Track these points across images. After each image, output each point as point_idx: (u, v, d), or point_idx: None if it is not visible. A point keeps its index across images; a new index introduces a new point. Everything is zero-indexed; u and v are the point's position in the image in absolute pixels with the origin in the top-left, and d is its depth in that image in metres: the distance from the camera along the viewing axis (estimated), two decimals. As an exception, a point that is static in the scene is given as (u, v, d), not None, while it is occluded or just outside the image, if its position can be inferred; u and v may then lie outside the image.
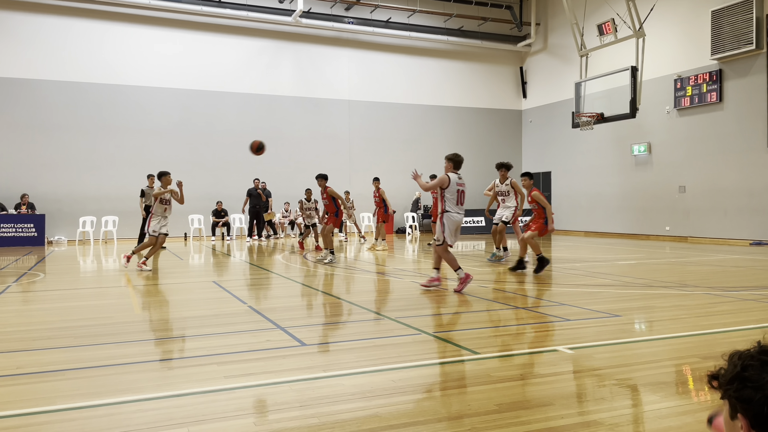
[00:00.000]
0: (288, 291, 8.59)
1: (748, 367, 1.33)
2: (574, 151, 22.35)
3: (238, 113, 21.12)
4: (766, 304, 6.70)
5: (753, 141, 16.05)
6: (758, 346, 1.37)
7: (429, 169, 23.72)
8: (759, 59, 15.84)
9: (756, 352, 1.35)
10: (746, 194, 16.27)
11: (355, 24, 22.32)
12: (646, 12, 16.68)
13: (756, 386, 1.29)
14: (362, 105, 22.91)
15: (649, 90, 18.13)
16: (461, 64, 24.41)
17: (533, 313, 6.45)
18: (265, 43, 21.53)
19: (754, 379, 1.31)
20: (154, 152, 19.93)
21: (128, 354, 4.71)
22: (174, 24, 20.29)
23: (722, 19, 16.41)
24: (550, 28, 23.74)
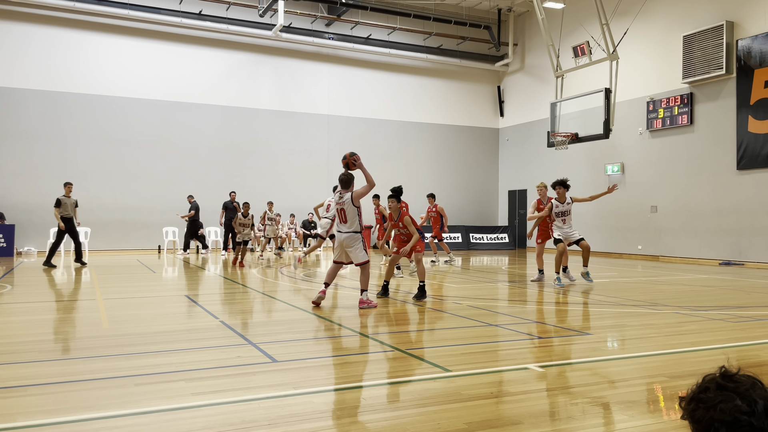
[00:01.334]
0: (261, 306, 8.51)
1: (706, 390, 1.37)
2: (549, 169, 22.62)
3: (216, 126, 21.02)
4: (732, 324, 6.82)
5: (722, 163, 16.42)
6: (721, 370, 1.41)
7: (407, 185, 23.83)
8: (728, 84, 16.27)
9: (717, 376, 1.39)
10: (716, 215, 16.61)
11: (336, 40, 22.43)
12: (620, 35, 17.06)
13: (708, 407, 1.33)
14: (341, 120, 22.97)
15: (623, 111, 18.49)
16: (440, 82, 24.65)
17: (505, 331, 6.48)
18: (245, 57, 21.52)
19: (707, 400, 1.34)
20: (129, 163, 19.72)
21: (94, 369, 4.62)
22: (153, 35, 20.18)
23: (693, 44, 16.85)
24: (527, 48, 24.12)
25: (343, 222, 7.88)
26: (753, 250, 15.67)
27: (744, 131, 15.76)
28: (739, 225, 16.00)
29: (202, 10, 20.39)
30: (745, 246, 15.87)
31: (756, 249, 15.60)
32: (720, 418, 1.32)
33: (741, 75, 15.85)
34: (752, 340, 5.92)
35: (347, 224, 7.84)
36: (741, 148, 15.85)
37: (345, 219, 7.87)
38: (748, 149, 15.69)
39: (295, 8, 21.40)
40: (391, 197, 8.99)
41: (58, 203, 14.15)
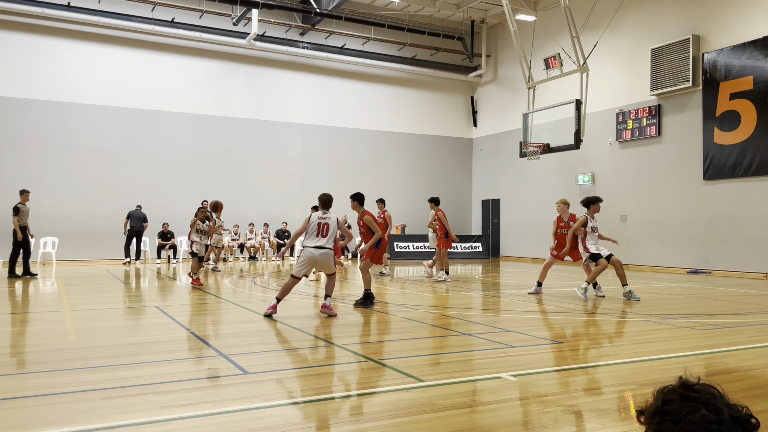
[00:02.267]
0: (233, 317, 8.41)
1: (669, 401, 1.37)
2: (522, 179, 22.87)
3: (189, 134, 20.79)
4: (700, 332, 6.94)
5: (689, 174, 16.78)
6: (680, 380, 1.42)
7: (381, 195, 23.86)
8: (695, 96, 16.66)
9: (677, 386, 1.40)
10: (683, 224, 16.95)
11: (310, 49, 22.42)
12: (590, 48, 17.36)
13: (675, 419, 1.33)
14: (315, 129, 22.92)
15: (593, 122, 18.80)
16: (414, 92, 24.78)
17: (478, 340, 6.50)
18: (218, 65, 21.36)
19: (673, 412, 1.35)
20: (99, 172, 19.37)
21: (59, 383, 4.50)
22: (124, 42, 19.92)
23: (661, 57, 17.23)
24: (500, 60, 24.41)
25: (323, 236, 7.83)
26: (719, 259, 16.01)
27: (710, 142, 16.14)
28: (706, 234, 16.34)
29: (175, 17, 20.21)
30: (711, 255, 16.21)
31: (722, 258, 15.94)
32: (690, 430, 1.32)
33: (707, 87, 16.25)
34: (719, 347, 6.03)
35: (326, 239, 7.83)
36: (707, 159, 16.22)
37: (326, 233, 7.86)
38: (714, 160, 16.06)
39: (269, 17, 21.34)
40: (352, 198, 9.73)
41: (17, 211, 13.54)
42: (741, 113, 15.41)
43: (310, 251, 7.82)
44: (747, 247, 15.36)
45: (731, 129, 15.63)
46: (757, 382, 4.81)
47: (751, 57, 15.20)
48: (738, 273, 15.38)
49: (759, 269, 15.03)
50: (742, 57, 15.40)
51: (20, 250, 13.78)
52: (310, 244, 7.83)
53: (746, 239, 15.37)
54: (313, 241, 7.86)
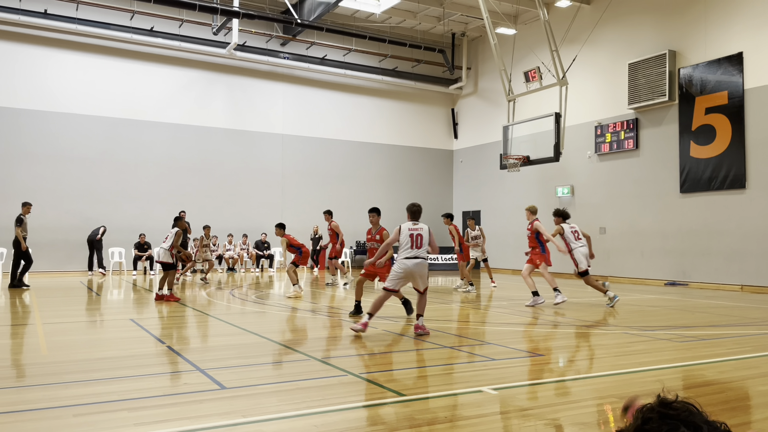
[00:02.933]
0: (211, 330, 8.27)
1: (649, 420, 1.36)
2: (502, 191, 23.00)
3: (167, 144, 20.58)
4: (678, 344, 6.99)
5: (666, 186, 17.01)
6: (658, 398, 1.41)
7: (361, 206, 23.82)
8: (671, 110, 16.93)
9: (656, 405, 1.39)
10: (660, 236, 17.15)
11: (291, 59, 22.39)
12: (569, 62, 17.57)
13: None
14: (296, 139, 22.85)
15: (572, 135, 18.99)
16: (395, 104, 24.86)
17: (459, 353, 6.47)
18: (198, 74, 21.22)
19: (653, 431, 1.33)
20: (74, 182, 19.06)
21: (30, 399, 4.36)
22: (102, 51, 19.70)
23: (638, 72, 17.50)
24: (480, 72, 24.61)
25: (418, 247, 7.47)
26: (696, 271, 16.21)
27: (686, 156, 16.39)
28: (683, 246, 16.55)
29: (154, 26, 20.06)
30: (688, 267, 16.41)
31: (699, 270, 16.14)
32: None
33: (683, 102, 16.53)
34: (697, 359, 6.07)
35: (421, 250, 7.48)
36: (684, 172, 16.46)
37: (420, 245, 7.50)
38: (690, 173, 16.30)
39: (249, 27, 21.29)
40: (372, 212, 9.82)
41: (20, 222, 13.80)
42: (716, 127, 15.69)
43: (404, 263, 7.40)
44: (723, 260, 15.58)
45: (707, 143, 15.89)
46: (735, 394, 4.84)
47: (725, 72, 15.50)
48: (714, 285, 15.58)
49: (735, 281, 15.25)
50: (717, 72, 15.70)
51: (21, 261, 13.86)
52: (405, 256, 7.44)
53: (722, 251, 15.60)
54: (408, 252, 7.46)
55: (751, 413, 4.34)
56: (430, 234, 7.62)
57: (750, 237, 14.97)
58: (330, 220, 14.90)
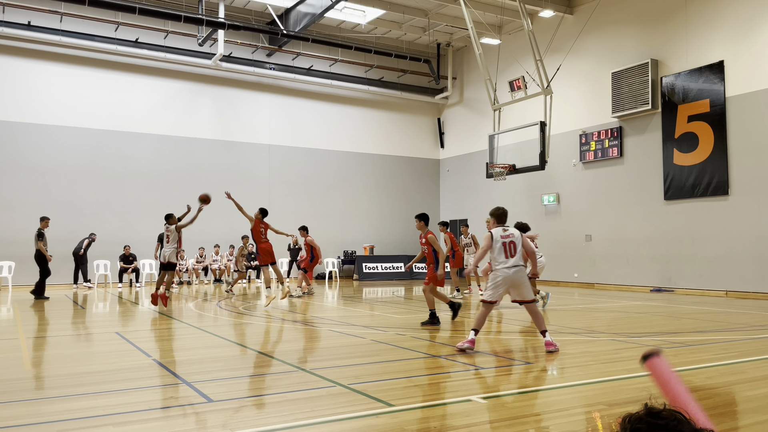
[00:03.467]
0: (197, 342, 8.20)
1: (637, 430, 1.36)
2: (488, 199, 23.06)
3: (153, 155, 20.45)
4: (665, 350, 7.03)
5: (651, 193, 17.17)
6: (646, 408, 1.41)
7: (349, 215, 23.80)
8: (654, 118, 17.13)
9: (644, 414, 1.39)
10: (646, 243, 17.29)
11: (277, 70, 22.39)
12: (553, 71, 17.73)
13: None
14: (282, 150, 22.81)
15: (557, 144, 19.14)
16: (381, 113, 24.92)
17: (448, 362, 6.46)
18: (183, 85, 21.14)
19: None
20: (59, 194, 18.87)
21: (13, 415, 4.29)
22: (86, 62, 19.58)
23: (621, 80, 17.70)
24: (465, 82, 24.76)
25: (512, 255, 7.17)
26: (681, 277, 16.35)
27: (670, 163, 16.57)
28: (668, 253, 16.69)
29: (139, 37, 19.98)
30: (674, 273, 16.55)
31: (684, 276, 16.28)
32: None
33: (666, 110, 16.73)
34: (684, 365, 6.10)
35: (516, 257, 7.16)
36: (668, 180, 16.63)
37: (514, 252, 7.18)
38: (674, 180, 16.48)
39: (235, 38, 21.28)
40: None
41: (41, 236, 14.42)
42: (699, 135, 15.88)
43: (503, 272, 7.07)
44: (707, 266, 15.73)
45: (690, 150, 16.08)
46: (723, 400, 4.87)
47: (707, 81, 15.72)
48: (700, 291, 15.71)
49: (719, 287, 15.39)
50: (698, 81, 15.92)
51: (47, 272, 14.47)
52: (502, 266, 7.10)
53: (706, 258, 15.75)
54: (504, 262, 7.13)
55: (738, 418, 4.36)
56: (523, 238, 7.32)
57: (734, 243, 15.14)
58: (306, 235, 15.73)
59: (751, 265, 14.75)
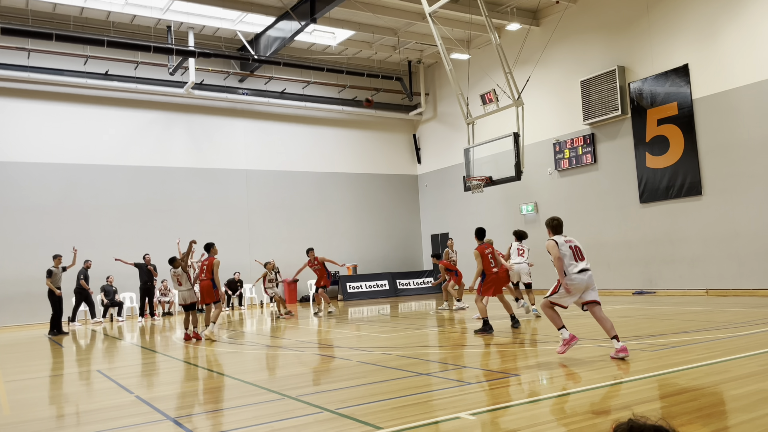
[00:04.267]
0: (181, 375, 8.06)
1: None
2: (468, 212, 23.20)
3: (128, 187, 20.24)
4: (650, 353, 7.07)
5: (626, 197, 17.39)
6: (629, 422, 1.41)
7: (330, 235, 23.72)
8: (625, 123, 17.41)
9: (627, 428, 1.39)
10: (625, 247, 17.47)
11: (250, 95, 22.40)
12: (523, 83, 17.94)
13: None
14: (260, 174, 22.74)
15: (532, 153, 19.34)
16: (357, 132, 25.00)
17: (436, 379, 6.42)
18: (156, 115, 21.03)
19: None
20: (33, 232, 18.56)
21: (-10, 466, 4.16)
22: (56, 97, 19.40)
23: (590, 88, 18.00)
24: (438, 97, 24.98)
25: (581, 258, 7.23)
26: (662, 278, 16.52)
27: (643, 167, 16.82)
28: (647, 255, 16.88)
29: (109, 70, 19.87)
30: (654, 275, 16.72)
31: (665, 277, 16.46)
32: None
33: (635, 115, 17.02)
34: (669, 368, 6.14)
35: (586, 261, 7.27)
36: (642, 183, 16.87)
37: (582, 255, 7.26)
38: (648, 183, 16.72)
39: (206, 65, 21.26)
40: None
41: (50, 273, 15.02)
42: (669, 138, 16.17)
43: (577, 277, 7.11)
44: (687, 266, 15.92)
45: (661, 153, 16.35)
46: (709, 401, 4.90)
47: (673, 84, 16.04)
48: (681, 291, 15.88)
49: (700, 286, 15.58)
50: (665, 84, 16.24)
51: (60, 309, 15.04)
52: (574, 271, 7.11)
53: (685, 258, 15.95)
54: (575, 266, 7.14)
55: (726, 419, 4.39)
56: None
57: (710, 242, 15.36)
58: (314, 255, 16.15)
59: (729, 263, 14.96)
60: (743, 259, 14.65)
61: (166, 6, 18.65)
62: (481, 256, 10.18)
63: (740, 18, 14.75)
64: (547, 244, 7.29)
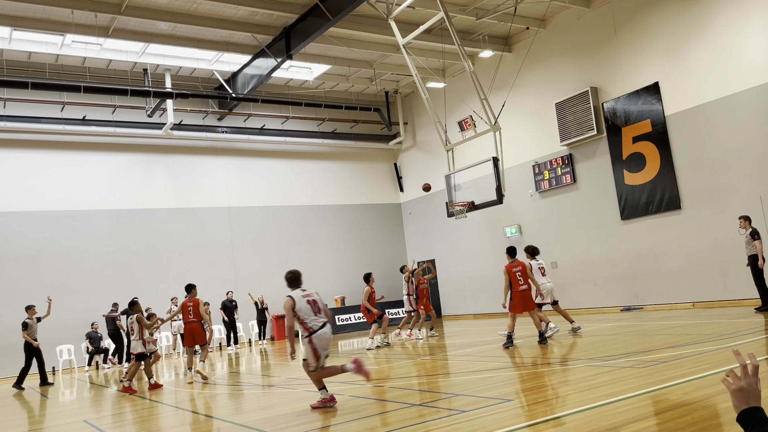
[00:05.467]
0: (169, 421, 7.91)
1: None
2: (453, 237, 23.28)
3: (109, 231, 20.06)
4: (641, 370, 7.09)
5: (608, 215, 17.59)
6: None
7: (315, 268, 23.62)
8: (601, 142, 17.69)
9: None
10: (609, 264, 17.60)
11: (229, 133, 22.47)
12: (499, 108, 18.22)
13: None
14: (243, 211, 22.69)
15: (512, 176, 19.54)
16: (338, 164, 25.12)
17: (429, 409, 6.37)
18: (136, 157, 20.97)
19: None
20: (12, 282, 18.22)
21: None
22: (32, 145, 19.31)
23: (565, 110, 18.32)
24: (417, 126, 25.25)
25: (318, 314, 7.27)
26: (648, 293, 16.63)
27: (622, 184, 17.06)
28: (632, 271, 17.01)
29: (86, 115, 19.85)
30: (640, 290, 16.83)
31: (651, 292, 16.57)
32: None
33: (611, 133, 17.33)
34: (660, 384, 6.15)
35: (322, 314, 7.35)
36: (622, 200, 17.09)
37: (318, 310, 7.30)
38: (628, 200, 16.94)
39: (184, 105, 21.33)
40: None
41: (26, 326, 14.63)
42: (645, 154, 16.45)
43: (323, 332, 7.14)
44: (671, 279, 16.06)
45: (638, 170, 16.61)
46: (701, 415, 4.91)
47: (646, 102, 16.39)
48: (668, 305, 15.99)
49: (685, 299, 15.70)
50: (638, 103, 16.59)
51: (31, 362, 14.64)
52: (318, 325, 7.12)
53: (669, 272, 16.09)
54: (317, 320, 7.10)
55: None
56: None
57: (693, 255, 15.53)
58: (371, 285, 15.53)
59: (713, 275, 15.12)
60: (726, 270, 14.82)
61: (142, 50, 18.78)
62: (508, 274, 10.80)
63: (706, 34, 15.19)
64: (285, 302, 7.03)
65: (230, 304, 20.33)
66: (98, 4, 15.69)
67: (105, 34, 16.93)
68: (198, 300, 11.81)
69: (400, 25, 17.54)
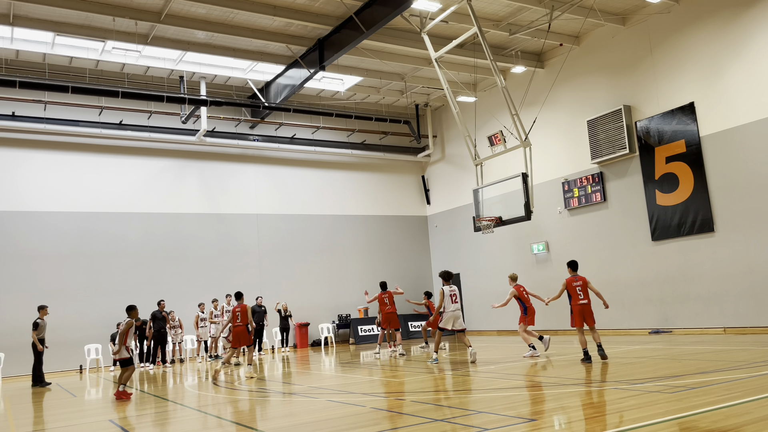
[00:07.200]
0: (191, 425, 7.99)
1: None
2: (479, 252, 23.16)
3: (141, 234, 20.43)
4: (669, 395, 6.94)
5: (638, 235, 17.32)
6: None
7: (341, 278, 23.70)
8: (633, 161, 17.47)
9: None
10: (639, 285, 17.30)
11: (261, 141, 22.76)
12: (530, 124, 18.16)
13: None
14: (271, 218, 22.91)
15: (541, 193, 19.39)
16: (366, 175, 25.23)
17: (452, 425, 6.33)
18: (169, 162, 21.37)
19: None
20: (47, 280, 18.66)
21: None
22: (71, 147, 19.79)
23: (597, 128, 18.15)
24: (446, 139, 25.25)
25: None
26: (678, 317, 16.30)
27: (653, 204, 16.80)
28: (662, 293, 16.69)
29: (123, 120, 20.32)
30: (670, 313, 16.50)
31: (681, 315, 16.23)
32: None
33: (643, 153, 17.10)
34: (689, 410, 6.02)
35: None
36: (653, 221, 16.82)
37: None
38: (659, 221, 16.67)
39: (218, 113, 21.69)
40: None
41: (36, 326, 14.61)
42: (678, 175, 16.19)
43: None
44: (702, 304, 15.71)
45: (671, 190, 16.35)
46: (731, 444, 4.79)
47: (680, 122, 16.16)
48: (698, 330, 15.64)
49: (717, 324, 15.34)
50: (672, 122, 16.36)
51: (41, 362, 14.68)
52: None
53: (701, 296, 15.75)
54: None
55: (748, 463, 4.29)
56: None
57: (725, 279, 15.19)
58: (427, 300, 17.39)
59: (746, 300, 14.76)
60: (759, 296, 14.46)
61: (179, 57, 19.19)
62: (568, 288, 11.30)
63: (744, 56, 14.95)
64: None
65: (259, 309, 20.40)
66: (139, 12, 16.11)
67: (144, 41, 17.36)
68: (246, 306, 13.16)
69: (432, 39, 17.63)
